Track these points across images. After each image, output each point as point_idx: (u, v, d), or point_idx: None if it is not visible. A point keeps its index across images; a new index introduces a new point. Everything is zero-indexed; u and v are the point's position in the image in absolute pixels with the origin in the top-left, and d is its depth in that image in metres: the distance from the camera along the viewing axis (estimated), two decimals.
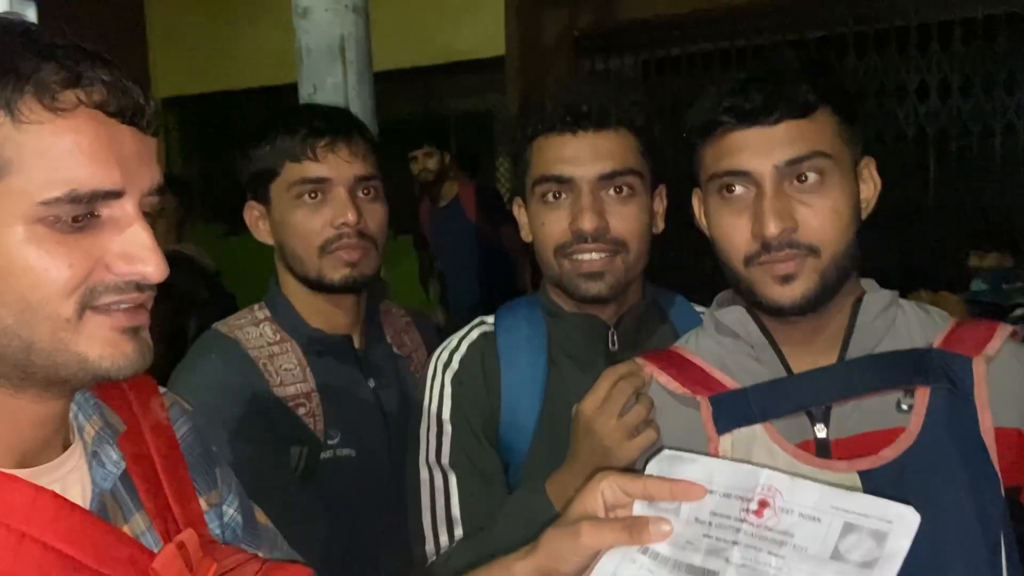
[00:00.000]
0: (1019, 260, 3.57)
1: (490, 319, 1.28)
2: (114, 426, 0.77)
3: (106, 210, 0.66)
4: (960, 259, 3.68)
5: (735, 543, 0.65)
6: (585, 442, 1.02)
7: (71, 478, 0.72)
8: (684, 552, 0.67)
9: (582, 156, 1.16)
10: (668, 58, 4.93)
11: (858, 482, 0.89)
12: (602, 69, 5.05)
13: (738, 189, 0.94)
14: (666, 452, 0.72)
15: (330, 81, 2.26)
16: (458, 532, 1.15)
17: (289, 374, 1.30)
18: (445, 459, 1.18)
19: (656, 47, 4.93)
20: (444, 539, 1.15)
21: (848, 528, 0.62)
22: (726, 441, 0.94)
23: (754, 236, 0.93)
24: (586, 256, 1.16)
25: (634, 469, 0.92)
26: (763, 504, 0.65)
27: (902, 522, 0.61)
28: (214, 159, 6.47)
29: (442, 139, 4.76)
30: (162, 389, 0.86)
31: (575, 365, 1.22)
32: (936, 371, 0.92)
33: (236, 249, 3.08)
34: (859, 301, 0.98)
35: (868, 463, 0.90)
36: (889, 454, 0.90)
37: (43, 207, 0.63)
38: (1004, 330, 0.96)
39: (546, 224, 1.18)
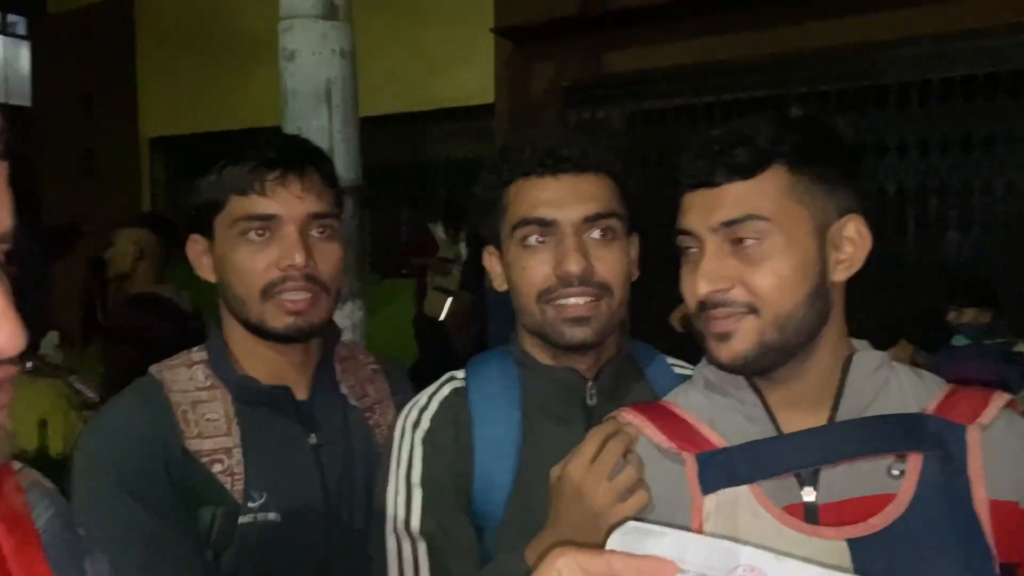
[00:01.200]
0: (996, 315, 3.60)
1: (461, 374, 1.22)
2: None
3: None
4: (940, 315, 3.70)
5: None
6: (572, 505, 0.97)
7: None
8: None
9: (565, 198, 1.13)
10: (654, 110, 5.01)
11: (846, 550, 0.85)
12: (588, 119, 5.12)
13: (689, 249, 0.97)
14: (631, 524, 0.64)
15: (315, 124, 2.26)
16: None
17: (211, 425, 1.17)
18: (415, 526, 1.10)
19: (642, 99, 5.01)
20: None
21: None
22: (710, 501, 0.91)
23: (691, 294, 0.95)
24: (571, 300, 1.12)
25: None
26: None
27: None
28: None
29: (429, 185, 4.79)
30: (17, 465, 0.70)
31: (550, 421, 1.17)
32: (929, 437, 0.90)
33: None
34: (849, 361, 0.96)
35: (857, 531, 0.87)
36: (879, 522, 0.87)
37: None
38: (1000, 398, 0.93)
39: (527, 269, 1.14)
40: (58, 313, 4.36)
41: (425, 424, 1.16)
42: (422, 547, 1.09)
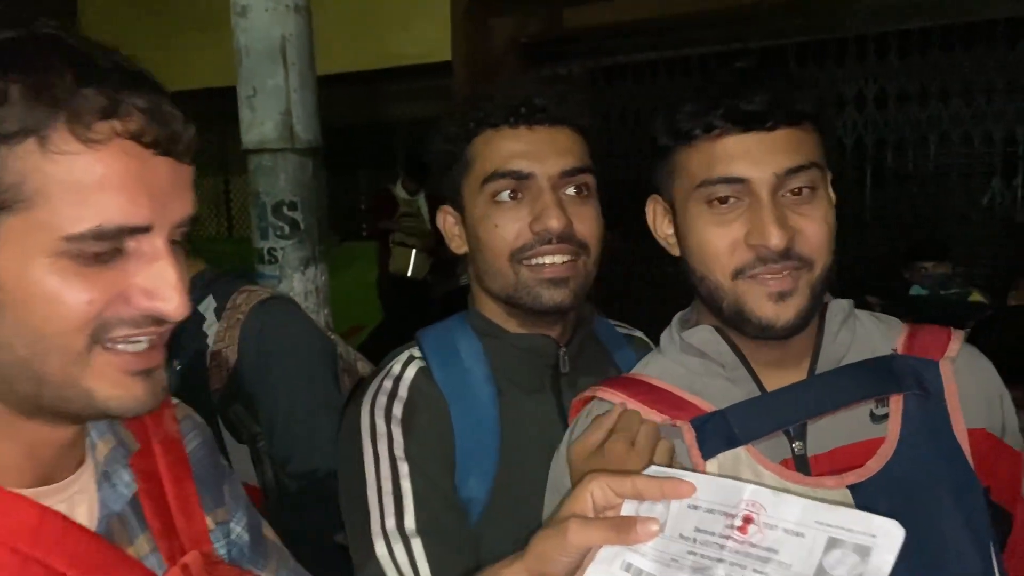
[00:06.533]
0: (954, 266, 3.71)
1: (417, 351, 1.12)
2: (127, 445, 0.76)
3: (133, 243, 0.64)
4: (898, 267, 3.78)
5: (720, 560, 0.64)
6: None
7: (78, 498, 0.71)
8: (669, 569, 0.65)
9: (541, 151, 1.05)
10: (616, 66, 4.96)
11: (849, 497, 0.87)
12: (549, 76, 5.05)
13: (728, 200, 0.89)
14: (654, 467, 0.72)
15: (271, 83, 2.18)
16: None
17: None
18: (409, 525, 1.00)
19: (603, 55, 4.96)
20: None
21: (832, 543, 0.60)
22: (712, 466, 0.91)
23: (749, 247, 0.88)
24: (548, 260, 1.05)
25: None
26: (747, 520, 0.64)
27: (886, 536, 0.59)
28: None
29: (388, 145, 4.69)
30: (174, 400, 0.84)
31: (522, 393, 1.10)
32: (906, 377, 0.92)
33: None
34: (824, 312, 0.97)
35: (855, 476, 0.88)
36: (875, 466, 0.88)
37: (68, 242, 0.61)
38: (959, 333, 0.96)
39: (500, 226, 1.06)
40: None
41: (399, 413, 1.06)
42: (418, 546, 0.99)
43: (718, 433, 0.91)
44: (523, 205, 1.06)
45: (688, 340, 0.98)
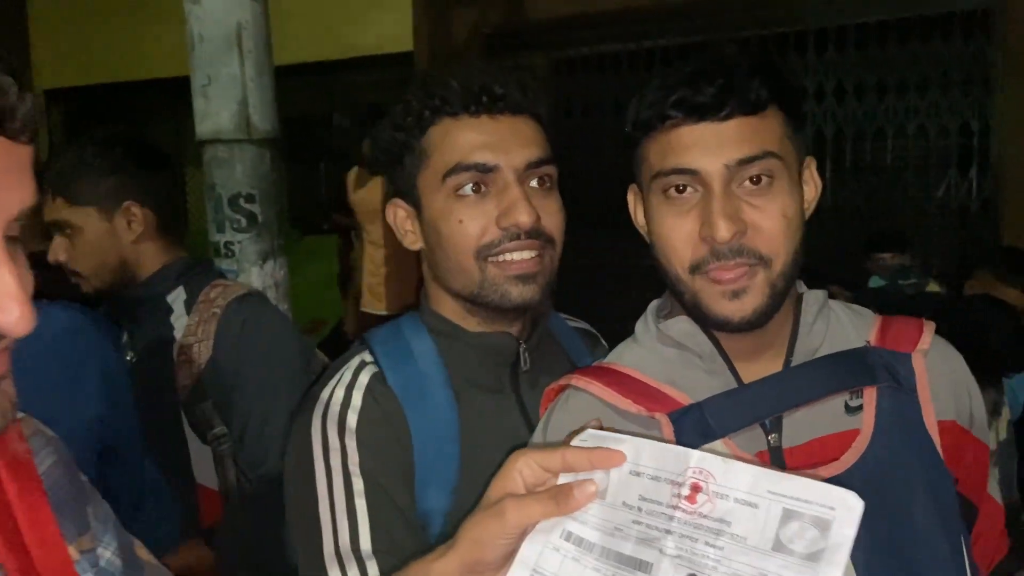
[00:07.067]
0: (913, 257, 3.77)
1: (368, 356, 1.06)
2: None
3: None
4: (858, 258, 3.84)
5: (668, 532, 0.60)
6: None
7: None
8: (612, 539, 0.62)
9: (506, 141, 1.01)
10: (579, 57, 4.94)
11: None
12: (509, 65, 5.01)
13: (685, 189, 0.88)
14: (589, 431, 0.67)
15: (226, 72, 2.13)
16: None
17: None
18: (364, 547, 0.94)
19: (566, 46, 4.93)
20: None
21: (788, 515, 0.57)
22: None
23: (702, 240, 0.87)
24: (516, 256, 1.01)
25: None
26: (696, 488, 0.60)
27: (845, 508, 0.56)
28: None
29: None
30: (20, 414, 0.71)
31: (481, 393, 1.06)
32: (880, 369, 0.91)
33: None
34: (798, 303, 0.96)
35: (831, 469, 0.87)
36: (850, 458, 0.88)
37: None
38: (930, 325, 0.96)
39: (465, 222, 1.01)
40: None
41: (353, 424, 0.99)
42: (373, 568, 0.94)
43: (695, 426, 0.89)
44: (488, 199, 1.01)
45: (666, 331, 0.96)
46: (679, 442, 0.89)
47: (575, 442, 0.66)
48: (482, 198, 1.01)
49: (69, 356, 1.42)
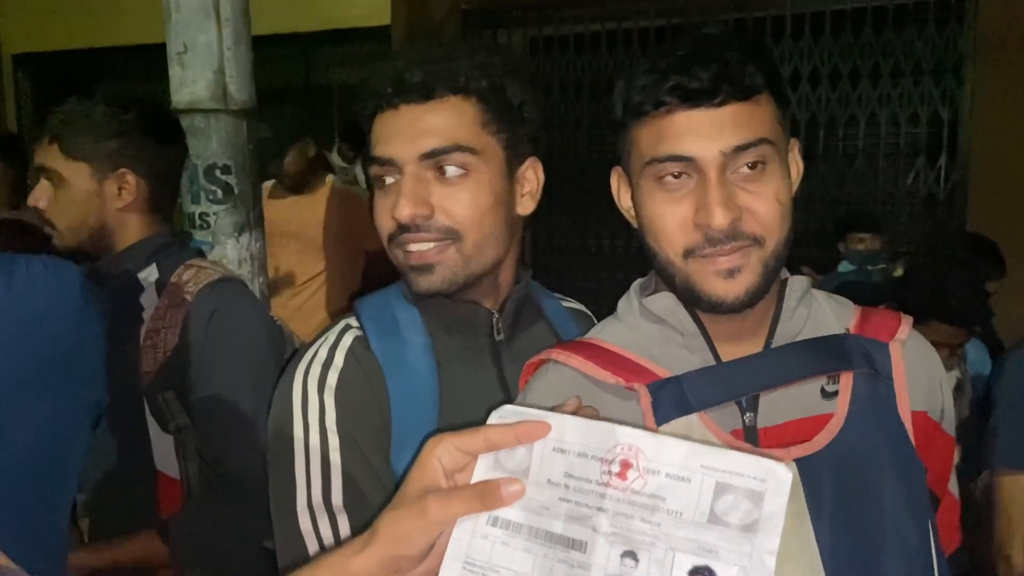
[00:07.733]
0: (884, 243, 3.83)
1: (355, 321, 1.09)
2: None
3: None
4: (833, 240, 3.89)
5: (601, 509, 0.59)
6: None
7: None
8: (540, 518, 0.61)
9: (403, 134, 1.02)
10: (557, 36, 4.92)
11: (795, 469, 0.87)
12: (477, 43, 4.96)
13: (680, 176, 0.88)
14: (507, 407, 0.65)
15: (202, 40, 2.10)
16: None
17: None
18: (336, 500, 0.97)
19: (545, 24, 4.91)
20: None
21: (722, 488, 0.57)
22: (664, 431, 0.92)
23: (696, 227, 0.88)
24: (413, 247, 1.03)
25: None
26: (626, 465, 0.59)
27: (775, 479, 0.56)
28: None
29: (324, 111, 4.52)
30: None
31: (459, 362, 1.08)
32: (857, 356, 0.93)
33: None
34: (782, 287, 0.97)
35: (803, 450, 0.89)
36: (822, 439, 0.90)
37: None
38: (908, 317, 0.99)
39: (376, 213, 1.05)
40: None
41: (333, 382, 1.01)
42: (343, 522, 0.96)
43: (672, 399, 0.91)
44: (390, 193, 1.05)
45: (649, 307, 0.97)
46: (656, 413, 0.90)
47: (493, 419, 0.64)
48: (386, 191, 1.05)
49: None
